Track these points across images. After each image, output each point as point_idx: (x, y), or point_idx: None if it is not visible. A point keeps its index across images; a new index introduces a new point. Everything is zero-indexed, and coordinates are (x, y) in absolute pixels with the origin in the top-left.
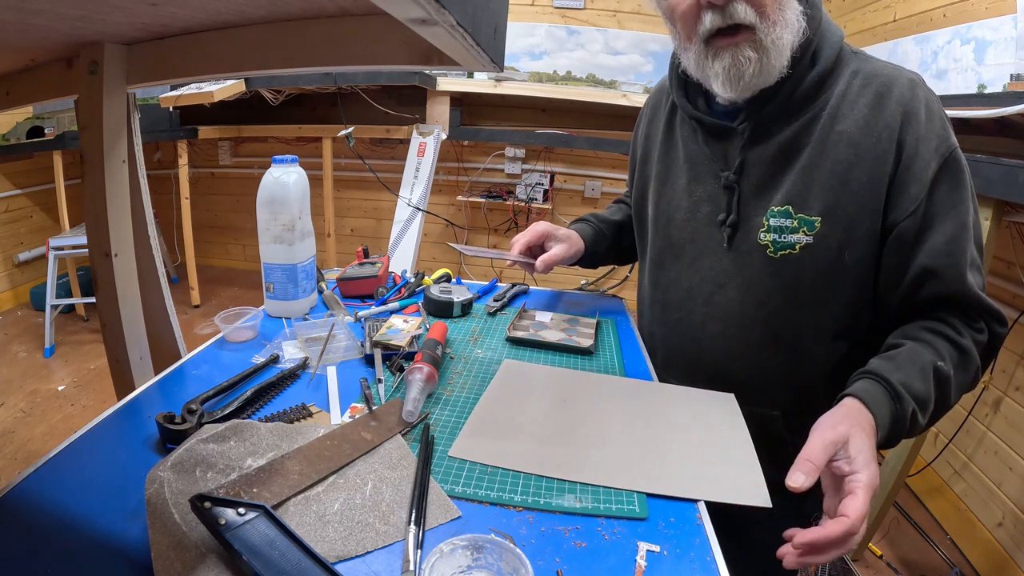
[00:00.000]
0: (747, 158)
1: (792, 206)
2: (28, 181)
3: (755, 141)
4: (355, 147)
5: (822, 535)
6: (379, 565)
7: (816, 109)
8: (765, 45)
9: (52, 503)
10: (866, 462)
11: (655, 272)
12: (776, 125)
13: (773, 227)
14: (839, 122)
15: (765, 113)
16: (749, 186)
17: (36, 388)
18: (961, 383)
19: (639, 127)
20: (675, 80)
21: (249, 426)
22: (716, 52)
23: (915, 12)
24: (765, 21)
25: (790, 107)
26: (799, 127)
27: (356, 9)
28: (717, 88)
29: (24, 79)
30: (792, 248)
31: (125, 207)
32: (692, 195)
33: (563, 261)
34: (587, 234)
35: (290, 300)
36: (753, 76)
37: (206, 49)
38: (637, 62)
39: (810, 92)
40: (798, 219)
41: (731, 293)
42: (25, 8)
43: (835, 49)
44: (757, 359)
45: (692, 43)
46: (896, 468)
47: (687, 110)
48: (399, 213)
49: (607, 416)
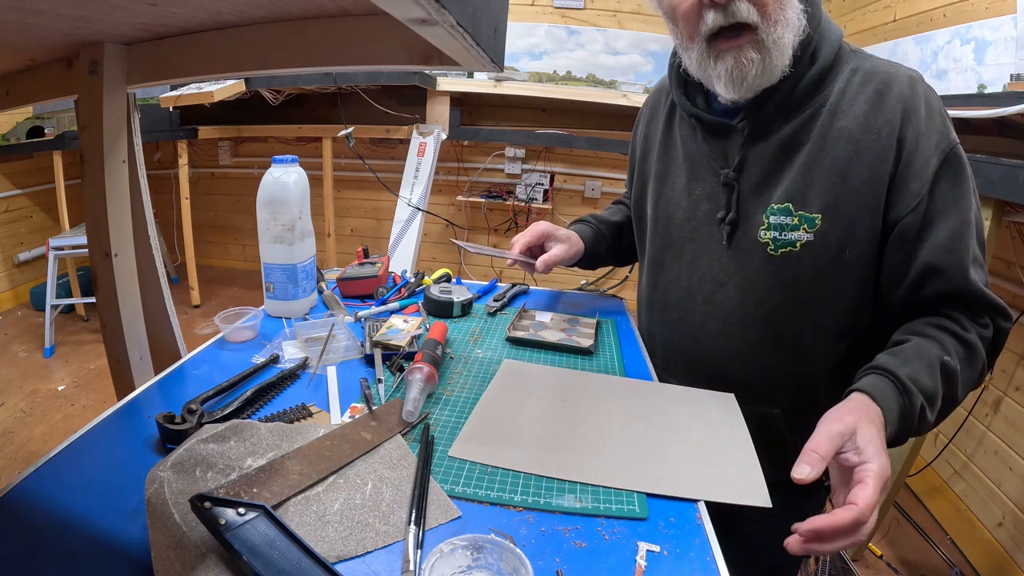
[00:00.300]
0: (747, 155)
1: (792, 203)
2: (28, 181)
3: (755, 138)
4: (355, 147)
5: (829, 523)
6: (379, 565)
7: (816, 106)
8: (767, 45)
9: (52, 503)
10: (876, 452)
11: (654, 271)
12: (776, 122)
13: (773, 225)
14: (839, 119)
15: (765, 111)
16: (749, 183)
17: (36, 388)
18: (968, 379)
19: (638, 127)
20: (674, 79)
21: (249, 426)
22: (719, 54)
23: (915, 12)
24: (767, 20)
25: (790, 104)
26: (799, 124)
27: (356, 9)
28: (720, 89)
29: (24, 79)
30: (793, 246)
31: (125, 207)
32: (691, 194)
33: (563, 262)
34: (587, 235)
35: (290, 300)
36: (756, 77)
37: (206, 49)
38: (637, 62)
39: (809, 89)
40: (798, 216)
41: (731, 291)
42: (25, 8)
43: (834, 47)
44: (757, 358)
45: (694, 43)
46: (896, 468)
47: (686, 108)
48: (399, 213)
49: (607, 416)
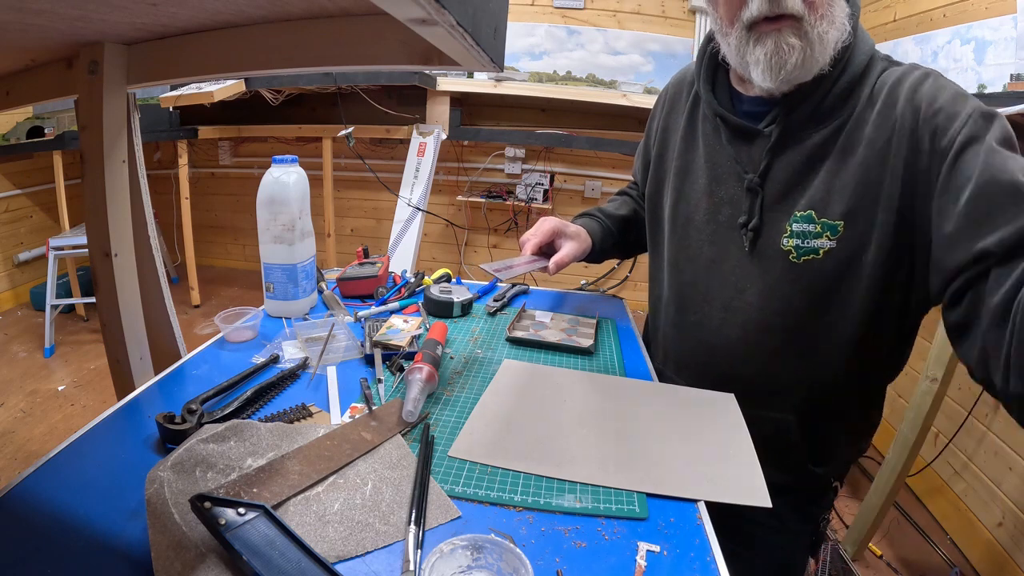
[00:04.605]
0: (773, 162)
1: (815, 211)
2: (28, 181)
3: (782, 145)
4: (355, 147)
5: None
6: (379, 565)
7: (844, 116)
8: (811, 37)
9: (52, 503)
10: None
11: (672, 273)
12: (804, 131)
13: (796, 232)
14: (861, 127)
15: (793, 118)
16: (773, 190)
17: (36, 388)
18: None
19: (655, 119)
20: (703, 72)
21: (249, 426)
22: (758, 37)
23: (915, 12)
24: (813, 13)
25: (820, 113)
26: (828, 134)
27: (356, 9)
28: (756, 76)
29: (24, 79)
30: (816, 253)
31: (125, 207)
32: (713, 196)
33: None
34: (595, 231)
35: (290, 300)
36: (795, 67)
37: (206, 49)
38: (637, 62)
39: (839, 98)
40: (821, 224)
41: (751, 298)
42: (26, 8)
43: (866, 55)
44: (773, 364)
45: (733, 27)
46: (896, 468)
47: (712, 105)
48: (399, 213)
49: (607, 416)
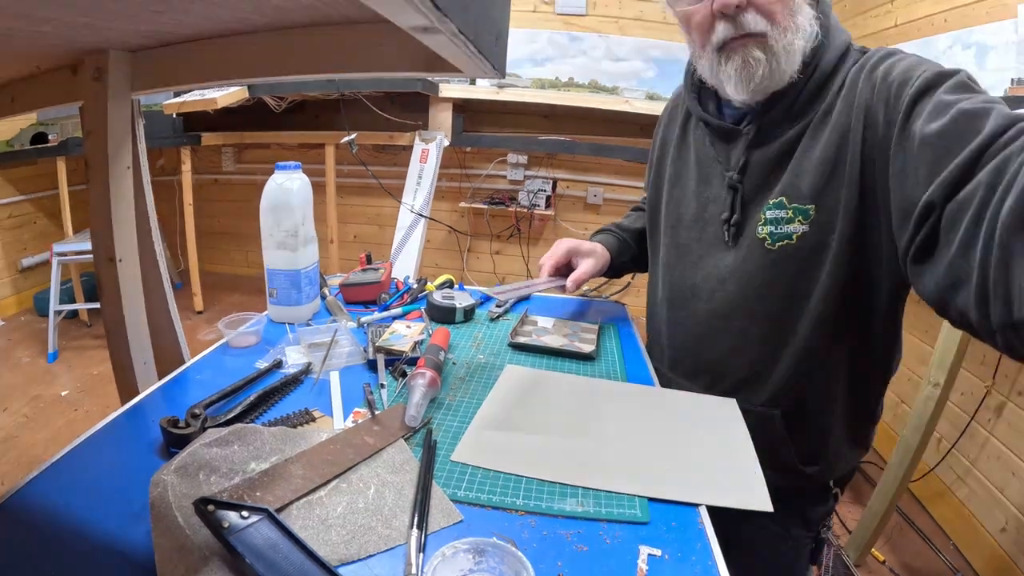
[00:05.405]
0: (750, 159)
1: (786, 197)
2: (32, 187)
3: (758, 142)
4: (358, 153)
5: None
6: (381, 568)
7: (816, 110)
8: (776, 51)
9: (56, 507)
10: None
11: (665, 271)
12: (780, 128)
13: (770, 219)
14: (830, 115)
15: (769, 117)
16: (751, 185)
17: (39, 393)
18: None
19: (657, 133)
20: (689, 85)
21: (252, 430)
22: (728, 55)
23: (916, 17)
24: (776, 27)
25: (793, 111)
26: (800, 128)
27: (359, 17)
28: (730, 91)
29: (29, 85)
30: (789, 239)
31: (129, 213)
32: (700, 196)
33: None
34: (612, 245)
35: (293, 306)
36: (763, 78)
37: (210, 56)
38: (639, 68)
39: (811, 96)
40: (792, 209)
41: (731, 288)
42: (33, 16)
43: (837, 52)
44: (759, 355)
45: (706, 51)
46: (899, 473)
47: (697, 113)
48: (402, 219)
49: (609, 421)
